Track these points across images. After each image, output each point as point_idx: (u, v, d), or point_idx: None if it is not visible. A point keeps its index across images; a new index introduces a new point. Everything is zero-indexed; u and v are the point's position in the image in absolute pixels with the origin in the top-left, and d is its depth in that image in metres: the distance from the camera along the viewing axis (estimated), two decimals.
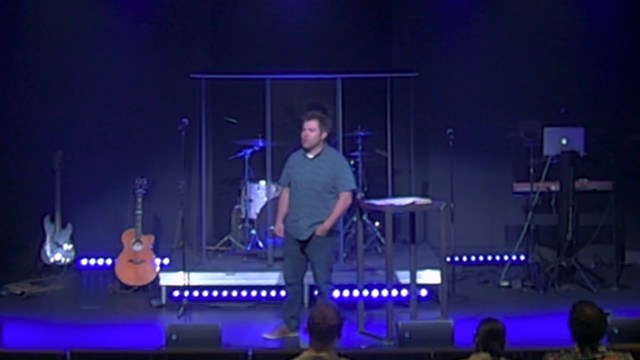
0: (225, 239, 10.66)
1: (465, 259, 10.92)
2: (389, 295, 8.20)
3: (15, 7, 11.14)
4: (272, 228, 8.73)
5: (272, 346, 8.03)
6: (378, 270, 9.22)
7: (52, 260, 10.74)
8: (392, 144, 10.63)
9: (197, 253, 10.32)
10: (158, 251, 10.47)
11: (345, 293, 9.14)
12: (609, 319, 5.21)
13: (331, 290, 8.36)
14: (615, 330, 6.80)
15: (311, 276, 8.40)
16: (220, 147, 11.13)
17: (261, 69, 10.80)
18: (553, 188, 10.32)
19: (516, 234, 10.52)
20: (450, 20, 11.33)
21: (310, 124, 8.25)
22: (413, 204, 8.54)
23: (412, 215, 8.86)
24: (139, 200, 10.27)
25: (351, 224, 10.17)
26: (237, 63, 11.48)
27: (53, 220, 10.79)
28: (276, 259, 9.53)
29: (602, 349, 5.11)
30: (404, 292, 9.12)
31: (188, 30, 11.31)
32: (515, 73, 11.17)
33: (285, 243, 8.44)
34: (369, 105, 11.18)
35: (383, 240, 9.91)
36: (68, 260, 10.81)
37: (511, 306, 9.26)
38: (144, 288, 10.08)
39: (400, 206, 8.51)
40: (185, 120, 9.46)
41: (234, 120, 11.06)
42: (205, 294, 9.47)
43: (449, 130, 9.77)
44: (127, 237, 10.24)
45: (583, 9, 11.24)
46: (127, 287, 10.12)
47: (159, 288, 9.51)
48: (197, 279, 9.46)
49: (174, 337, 7.11)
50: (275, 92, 10.20)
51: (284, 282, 8.50)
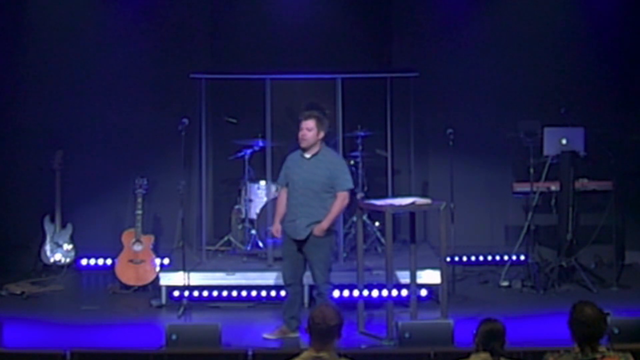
0: (225, 239, 10.66)
1: (465, 259, 10.92)
2: (389, 295, 8.20)
3: (16, 7, 11.14)
4: (271, 228, 8.71)
5: (272, 346, 8.02)
6: (378, 270, 9.21)
7: (52, 260, 10.74)
8: (392, 144, 10.62)
9: (197, 253, 10.31)
10: (158, 251, 10.48)
11: (345, 293, 9.13)
12: (609, 319, 5.21)
13: (331, 290, 8.35)
14: (615, 330, 6.81)
15: (310, 276, 8.40)
16: (220, 147, 11.12)
17: (261, 69, 10.81)
18: (553, 188, 10.31)
19: (516, 234, 10.53)
20: (450, 20, 11.33)
21: (307, 124, 8.24)
22: (413, 204, 8.54)
23: (412, 215, 8.86)
24: (139, 200, 10.27)
25: (351, 224, 10.17)
26: (237, 63, 11.47)
27: (53, 220, 10.79)
28: (276, 259, 9.51)
29: (602, 349, 5.11)
30: (404, 292, 9.11)
31: (188, 30, 11.31)
32: (515, 73, 11.18)
33: (283, 244, 8.43)
34: (369, 105, 11.18)
35: (383, 240, 9.91)
36: (68, 260, 10.81)
37: (511, 306, 9.26)
38: (144, 288, 10.08)
39: (400, 206, 8.51)
40: (185, 120, 9.46)
41: (234, 120, 11.05)
42: (205, 294, 9.46)
43: (449, 130, 9.77)
44: (127, 237, 10.24)
45: (583, 9, 11.24)
46: (127, 287, 10.12)
47: (159, 288, 9.51)
48: (197, 279, 9.45)
49: (174, 337, 7.11)
50: (275, 92, 10.20)
51: (283, 283, 8.50)
